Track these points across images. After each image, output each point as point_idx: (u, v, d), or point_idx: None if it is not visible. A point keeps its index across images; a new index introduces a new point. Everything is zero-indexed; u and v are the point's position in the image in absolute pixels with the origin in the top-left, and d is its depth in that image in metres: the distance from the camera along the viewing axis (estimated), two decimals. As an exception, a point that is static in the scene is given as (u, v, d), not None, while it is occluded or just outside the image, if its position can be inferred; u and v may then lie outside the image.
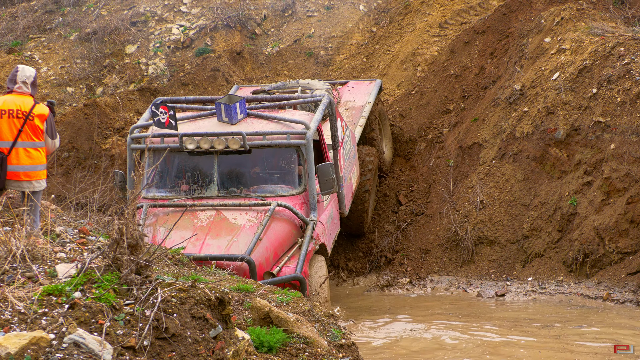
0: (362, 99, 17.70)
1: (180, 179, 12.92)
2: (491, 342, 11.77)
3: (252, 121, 13.03)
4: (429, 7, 22.50)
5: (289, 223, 12.36)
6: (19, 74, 9.28)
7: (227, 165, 12.84)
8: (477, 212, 15.94)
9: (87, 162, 19.43)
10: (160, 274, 5.99)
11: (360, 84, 18.56)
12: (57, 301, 5.43)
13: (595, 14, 17.86)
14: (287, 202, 12.33)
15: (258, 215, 12.14)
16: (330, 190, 12.56)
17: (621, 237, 14.21)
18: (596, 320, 12.78)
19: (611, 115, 15.13)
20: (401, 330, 12.66)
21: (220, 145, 12.43)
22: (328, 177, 12.43)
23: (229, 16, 23.95)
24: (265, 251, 11.68)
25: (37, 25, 25.91)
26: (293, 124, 12.81)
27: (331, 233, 13.71)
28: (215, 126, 12.92)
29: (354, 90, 18.15)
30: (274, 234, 12.00)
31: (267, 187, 12.76)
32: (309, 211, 12.53)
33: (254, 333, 6.77)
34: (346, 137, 14.98)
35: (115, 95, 21.29)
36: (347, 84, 18.57)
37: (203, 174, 12.76)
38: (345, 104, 17.52)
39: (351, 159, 15.35)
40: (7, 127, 9.12)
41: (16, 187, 9.15)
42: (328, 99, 13.67)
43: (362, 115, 17.10)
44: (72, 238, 7.72)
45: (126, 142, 13.91)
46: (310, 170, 12.56)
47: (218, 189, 12.60)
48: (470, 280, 15.28)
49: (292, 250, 12.06)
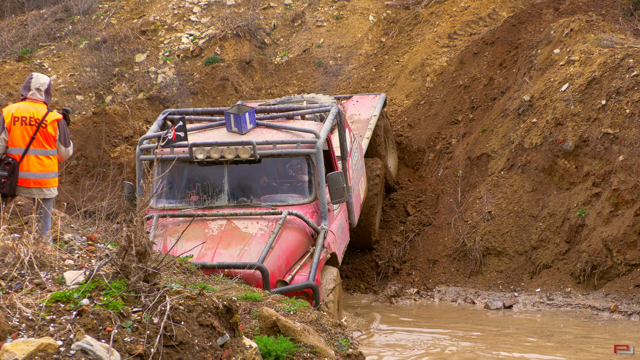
0: (367, 112, 17.72)
1: (190, 189, 12.88)
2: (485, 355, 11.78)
3: (261, 131, 13.05)
4: (438, 18, 22.52)
5: (300, 232, 12.33)
6: (32, 81, 9.33)
7: (237, 175, 12.80)
8: (485, 222, 15.92)
9: (95, 170, 19.47)
10: (168, 281, 6.00)
11: (364, 98, 18.60)
12: (65, 308, 5.44)
13: (605, 25, 17.86)
14: (298, 211, 12.32)
15: (269, 224, 12.09)
16: (341, 200, 12.54)
17: (629, 248, 14.17)
18: (603, 331, 12.81)
19: (620, 127, 15.12)
20: (407, 340, 12.69)
21: (231, 154, 12.42)
22: (338, 186, 12.38)
23: (238, 25, 24.00)
24: (278, 259, 11.62)
25: (47, 33, 26.00)
26: (303, 133, 12.83)
27: (341, 243, 13.68)
28: (224, 136, 12.93)
29: (358, 104, 18.18)
30: (285, 243, 11.96)
31: (278, 196, 12.75)
32: (320, 220, 12.51)
33: (262, 342, 6.77)
34: (354, 148, 15.01)
35: (125, 103, 21.33)
36: (352, 98, 18.63)
37: (213, 184, 12.72)
38: (351, 118, 17.50)
39: (359, 170, 15.36)
40: (20, 134, 9.17)
41: (26, 193, 9.19)
42: (337, 109, 13.72)
43: (369, 127, 17.13)
44: (81, 245, 7.75)
45: (135, 151, 13.94)
46: (320, 180, 12.57)
47: (228, 199, 12.56)
48: (477, 292, 15.26)
49: (304, 259, 12.01)
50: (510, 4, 22.45)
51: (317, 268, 11.67)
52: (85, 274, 5.87)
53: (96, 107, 21.72)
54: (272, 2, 25.37)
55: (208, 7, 25.26)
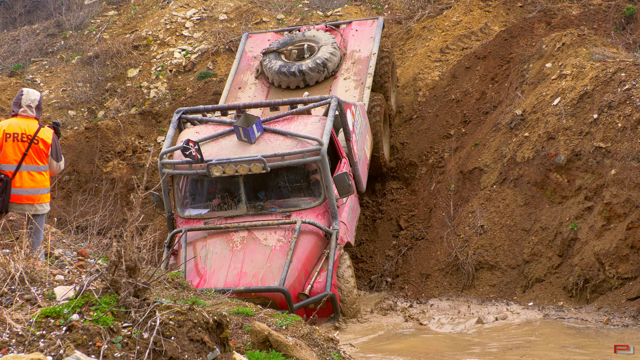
0: (367, 47, 18.53)
1: (211, 198, 14.14)
2: None
3: (269, 138, 13.87)
4: (430, 33, 22.60)
5: (315, 235, 13.50)
6: (23, 97, 9.34)
7: (252, 184, 13.88)
8: (477, 236, 15.94)
9: (88, 185, 19.47)
10: (158, 296, 6.01)
11: (363, 25, 19.38)
12: (55, 323, 5.44)
13: (597, 39, 17.94)
14: (311, 215, 13.51)
15: (286, 233, 13.29)
16: (348, 194, 13.65)
17: (621, 262, 14.19)
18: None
19: (612, 140, 15.16)
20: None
21: (244, 170, 13.34)
22: (345, 184, 13.48)
23: (230, 40, 24.06)
24: (297, 273, 12.90)
25: (39, 48, 26.05)
26: (308, 141, 13.60)
27: (353, 222, 14.98)
28: (236, 147, 13.82)
29: (358, 35, 18.98)
30: (302, 252, 13.16)
31: (291, 200, 13.86)
32: (331, 220, 13.62)
33: (253, 357, 6.77)
34: (357, 118, 15.78)
35: (117, 118, 21.34)
36: (351, 25, 19.36)
37: (231, 194, 13.92)
38: (352, 56, 18.39)
39: (363, 132, 16.32)
40: (12, 150, 9.18)
41: (18, 209, 9.20)
42: (336, 101, 14.42)
43: (369, 72, 17.86)
44: (71, 261, 7.75)
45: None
46: (328, 182, 13.55)
47: (247, 207, 13.73)
48: (470, 305, 15.26)
49: (321, 263, 13.24)
50: (502, 18, 22.55)
51: (332, 274, 12.96)
52: (75, 290, 5.87)
53: (88, 122, 21.73)
54: (264, 17, 25.44)
55: (200, 22, 25.32)
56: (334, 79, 17.73)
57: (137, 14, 26.73)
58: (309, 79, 17.79)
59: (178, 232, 13.64)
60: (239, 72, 18.90)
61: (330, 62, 17.81)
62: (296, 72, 17.66)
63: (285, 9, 25.92)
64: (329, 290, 12.75)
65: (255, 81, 18.46)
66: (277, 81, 17.91)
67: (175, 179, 14.03)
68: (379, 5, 25.31)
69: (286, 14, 25.69)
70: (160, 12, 26.02)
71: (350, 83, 17.63)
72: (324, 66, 17.59)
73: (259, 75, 18.50)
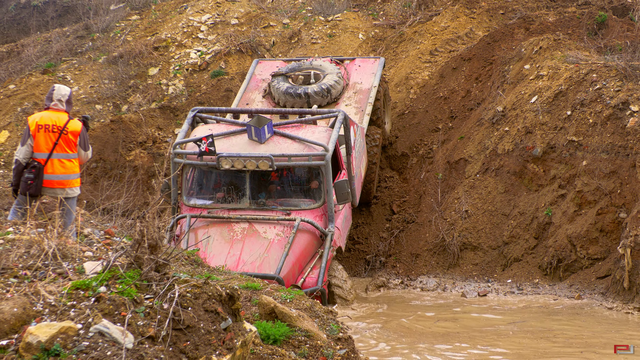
0: (368, 81, 18.18)
1: (217, 191, 13.59)
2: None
3: (278, 140, 13.39)
4: (421, 37, 22.55)
5: (311, 234, 12.97)
6: (55, 92, 9.35)
7: (257, 180, 13.36)
8: (462, 220, 15.94)
9: (112, 172, 19.45)
10: (177, 272, 6.01)
11: (366, 62, 18.99)
12: (84, 295, 5.44)
13: (571, 44, 17.91)
14: (309, 216, 13.00)
15: (285, 229, 12.78)
16: (346, 201, 13.26)
17: (591, 244, 14.22)
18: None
19: (584, 135, 15.16)
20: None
21: (252, 166, 12.90)
22: (344, 191, 13.08)
23: (241, 42, 24.00)
24: (292, 266, 12.36)
25: (69, 49, 25.99)
26: (314, 145, 13.18)
27: (345, 230, 14.42)
28: (246, 144, 13.36)
29: (360, 70, 18.60)
30: (298, 248, 12.64)
31: (292, 200, 13.35)
32: (328, 222, 13.17)
33: (261, 326, 6.79)
34: (357, 137, 15.43)
35: (139, 112, 21.33)
36: (354, 61, 19.02)
37: (237, 188, 13.38)
38: (354, 87, 18.07)
39: (361, 152, 15.92)
40: (44, 140, 9.20)
41: (51, 193, 9.23)
42: (343, 115, 13.99)
43: (369, 102, 17.57)
44: (99, 239, 7.75)
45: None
46: (329, 187, 13.11)
47: (250, 202, 13.17)
48: (455, 282, 15.28)
49: (314, 261, 12.78)
50: (485, 24, 22.50)
51: (324, 272, 12.52)
52: (102, 265, 5.88)
53: (113, 116, 21.71)
54: (271, 22, 25.39)
55: (214, 26, 25.27)
56: (336, 105, 17.27)
57: (157, 18, 26.67)
58: (313, 101, 17.44)
59: (182, 217, 13.15)
60: (247, 90, 18.56)
61: (334, 88, 17.50)
62: (302, 94, 17.32)
63: (290, 15, 25.87)
64: (320, 285, 12.32)
65: (262, 100, 18.15)
66: (282, 101, 17.58)
67: (185, 168, 13.54)
68: (375, 12, 25.24)
69: (291, 19, 25.64)
70: (178, 17, 25.96)
71: (352, 109, 17.31)
72: (328, 91, 17.24)
73: (266, 95, 18.15)
